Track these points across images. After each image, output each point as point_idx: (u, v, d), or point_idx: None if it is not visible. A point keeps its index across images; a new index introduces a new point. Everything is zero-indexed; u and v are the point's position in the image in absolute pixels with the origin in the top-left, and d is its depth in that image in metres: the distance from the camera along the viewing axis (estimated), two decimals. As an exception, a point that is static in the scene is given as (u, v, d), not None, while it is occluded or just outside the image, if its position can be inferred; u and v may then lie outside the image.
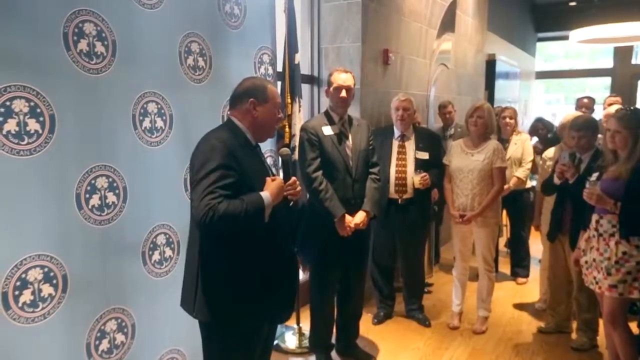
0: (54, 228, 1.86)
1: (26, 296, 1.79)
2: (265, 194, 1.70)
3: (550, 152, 3.37)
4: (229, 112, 1.88)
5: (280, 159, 1.88)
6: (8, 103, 1.72)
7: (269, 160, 2.91)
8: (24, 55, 1.75)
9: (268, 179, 1.77)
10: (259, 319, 1.81)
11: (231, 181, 1.65)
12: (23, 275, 1.78)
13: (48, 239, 1.84)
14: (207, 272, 1.76)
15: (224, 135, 1.75)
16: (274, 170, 1.93)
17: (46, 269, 1.84)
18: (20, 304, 1.78)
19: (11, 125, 1.73)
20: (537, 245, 4.58)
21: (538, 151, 3.99)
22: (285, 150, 1.87)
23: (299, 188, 1.83)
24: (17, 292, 1.76)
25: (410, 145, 3.25)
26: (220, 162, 1.65)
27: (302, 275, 3.17)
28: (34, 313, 1.81)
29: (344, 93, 2.59)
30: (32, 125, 1.78)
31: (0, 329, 1.72)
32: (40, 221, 1.82)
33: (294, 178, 1.82)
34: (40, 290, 1.83)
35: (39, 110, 1.80)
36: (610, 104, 4.12)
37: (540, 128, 4.60)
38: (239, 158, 1.70)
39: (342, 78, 2.62)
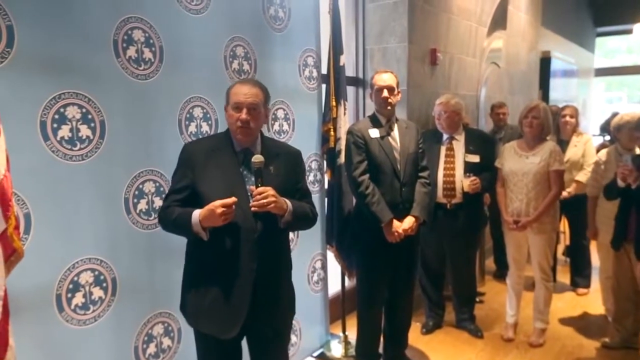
0: (103, 232, 1.90)
1: (78, 299, 1.83)
2: (196, 213, 1.65)
3: (602, 155, 3.13)
4: None
5: (253, 166, 1.69)
6: (62, 110, 1.77)
7: (314, 164, 2.88)
8: (77, 63, 1.80)
9: (212, 203, 1.62)
10: (197, 325, 1.78)
11: (183, 185, 1.74)
12: (75, 278, 1.82)
13: (98, 243, 1.88)
14: (184, 268, 1.85)
15: (193, 144, 1.83)
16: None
17: (96, 272, 1.88)
18: (72, 306, 1.82)
19: (64, 131, 1.78)
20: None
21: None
22: (258, 157, 1.69)
23: (266, 200, 1.63)
24: (69, 295, 1.81)
25: (459, 147, 3.12)
26: (177, 167, 1.78)
27: (349, 282, 3.11)
28: (85, 315, 1.85)
29: (385, 93, 2.52)
30: (84, 131, 1.83)
31: (54, 330, 1.77)
32: (91, 225, 1.86)
33: (261, 188, 1.65)
34: (91, 293, 1.87)
35: (90, 116, 1.84)
36: None
37: None
38: (197, 166, 1.72)
39: (383, 78, 2.55)
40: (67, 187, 1.79)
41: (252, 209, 1.65)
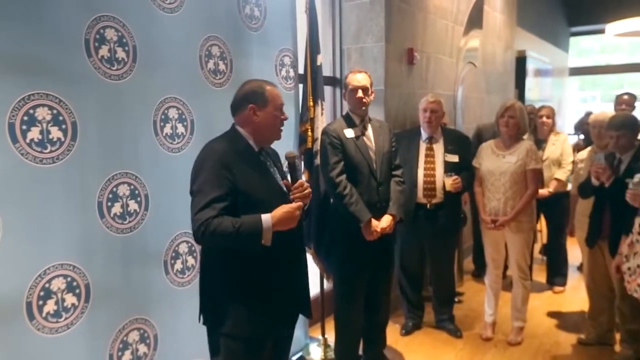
0: (76, 237, 1.85)
1: (50, 306, 1.78)
2: (266, 217, 1.63)
3: (583, 154, 3.21)
4: (233, 119, 1.83)
5: (286, 161, 1.81)
6: (32, 111, 1.71)
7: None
8: (47, 63, 1.75)
9: (283, 206, 1.68)
10: (256, 330, 1.74)
11: (225, 190, 1.63)
12: (47, 285, 1.77)
13: (71, 248, 1.83)
14: (207, 279, 1.78)
15: (220, 145, 1.73)
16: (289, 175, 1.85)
17: (69, 279, 1.83)
18: (44, 314, 1.77)
19: (34, 133, 1.72)
20: (575, 252, 4.38)
21: (580, 148, 3.78)
22: (291, 152, 1.80)
23: (307, 191, 1.76)
24: (41, 302, 1.76)
25: (439, 147, 3.14)
26: (209, 171, 1.65)
27: (327, 285, 3.09)
28: (57, 323, 1.80)
29: (360, 94, 2.52)
30: (55, 133, 1.78)
31: (25, 340, 1.72)
32: (63, 230, 1.81)
33: (301, 180, 1.77)
34: (63, 300, 1.82)
35: (61, 117, 1.79)
36: None
37: (588, 123, 4.33)
38: (234, 167, 1.67)
39: (357, 79, 2.55)
40: (37, 191, 1.73)
41: (297, 200, 1.71)
